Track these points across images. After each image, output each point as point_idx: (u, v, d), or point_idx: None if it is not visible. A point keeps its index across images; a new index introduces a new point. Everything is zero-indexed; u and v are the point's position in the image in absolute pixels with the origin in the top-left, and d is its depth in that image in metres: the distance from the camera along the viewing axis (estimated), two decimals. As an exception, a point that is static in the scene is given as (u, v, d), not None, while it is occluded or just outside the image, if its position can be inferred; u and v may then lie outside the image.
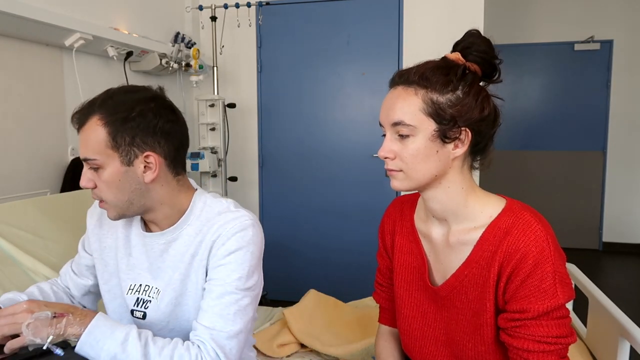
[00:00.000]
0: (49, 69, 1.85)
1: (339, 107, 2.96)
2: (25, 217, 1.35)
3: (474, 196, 0.90)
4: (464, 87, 0.84)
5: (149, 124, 0.90)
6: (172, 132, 0.94)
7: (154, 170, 0.92)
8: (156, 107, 0.92)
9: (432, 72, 0.85)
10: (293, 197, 3.06)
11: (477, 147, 0.88)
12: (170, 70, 2.51)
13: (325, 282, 2.93)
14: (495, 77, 0.90)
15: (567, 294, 0.81)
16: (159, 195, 0.95)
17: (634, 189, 4.43)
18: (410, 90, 0.85)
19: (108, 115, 0.89)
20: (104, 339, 0.82)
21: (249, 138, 3.07)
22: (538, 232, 0.81)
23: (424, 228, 0.98)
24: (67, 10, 1.88)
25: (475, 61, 0.87)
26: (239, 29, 2.92)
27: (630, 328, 1.08)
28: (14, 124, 1.69)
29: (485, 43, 0.87)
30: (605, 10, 4.34)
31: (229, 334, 0.89)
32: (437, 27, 2.73)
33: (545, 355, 0.83)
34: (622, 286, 3.63)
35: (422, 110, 0.84)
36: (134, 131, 0.89)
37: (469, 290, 0.89)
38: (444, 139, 0.84)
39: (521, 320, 0.83)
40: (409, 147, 0.85)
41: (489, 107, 0.86)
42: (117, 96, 0.92)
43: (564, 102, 4.49)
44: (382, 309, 1.13)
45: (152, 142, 0.91)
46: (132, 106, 0.90)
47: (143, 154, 0.91)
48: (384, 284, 1.11)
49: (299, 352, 1.53)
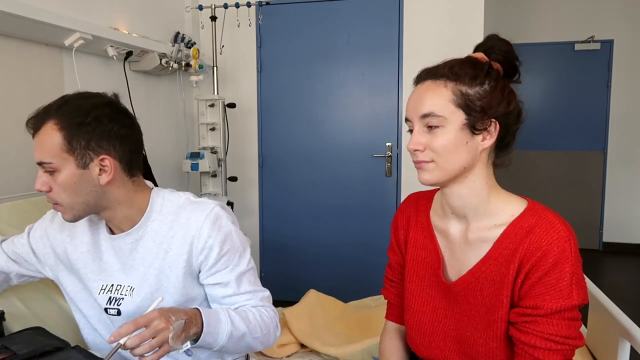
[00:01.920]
0: (49, 69, 1.85)
1: (338, 107, 2.95)
2: (25, 217, 1.35)
3: (496, 194, 0.92)
4: (490, 82, 0.87)
5: (104, 128, 0.94)
6: (127, 136, 0.98)
7: (109, 173, 0.96)
8: (111, 112, 0.97)
9: (460, 66, 0.87)
10: (293, 197, 3.06)
11: (503, 142, 0.91)
12: (170, 70, 2.51)
13: (325, 282, 2.93)
14: (515, 78, 0.93)
15: (582, 297, 0.82)
16: (114, 196, 0.99)
17: (634, 189, 4.43)
18: (439, 82, 0.88)
19: (63, 120, 0.92)
20: (217, 325, 0.94)
21: (249, 138, 3.07)
22: (561, 233, 0.83)
23: (441, 224, 0.99)
24: (67, 10, 1.88)
25: (498, 60, 0.90)
26: (239, 29, 2.92)
27: (631, 328, 1.08)
28: (14, 124, 1.69)
29: (506, 44, 0.90)
30: (605, 10, 4.34)
31: (264, 294, 1.08)
32: (437, 27, 2.73)
33: (551, 353, 0.83)
34: (622, 286, 3.63)
35: (452, 101, 0.86)
36: (89, 135, 0.93)
37: (484, 287, 0.89)
38: (473, 130, 0.86)
39: (532, 316, 0.83)
40: (439, 138, 0.87)
41: (515, 101, 0.89)
42: (72, 101, 0.95)
43: (564, 102, 4.49)
44: (391, 304, 1.13)
45: (107, 146, 0.95)
46: (87, 111, 0.93)
47: (98, 158, 0.94)
48: (395, 279, 1.10)
49: (299, 352, 1.53)
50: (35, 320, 1.12)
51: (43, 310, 1.18)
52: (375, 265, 2.91)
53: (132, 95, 2.25)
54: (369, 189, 2.94)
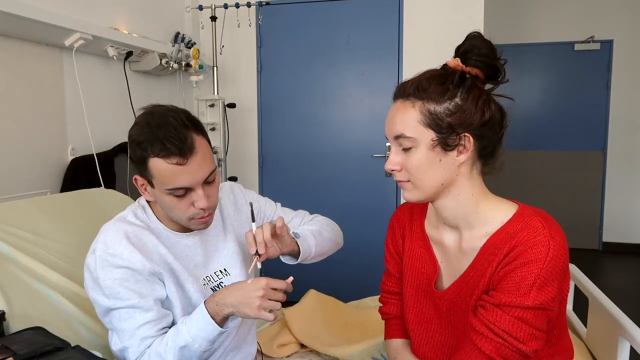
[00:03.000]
0: (49, 69, 1.85)
1: (338, 107, 2.95)
2: (25, 217, 1.35)
3: (485, 202, 0.90)
4: (462, 93, 0.84)
5: None
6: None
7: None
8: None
9: (429, 81, 0.85)
10: (293, 197, 3.06)
11: (485, 152, 0.89)
12: (170, 70, 2.51)
13: (325, 282, 2.92)
14: (500, 79, 0.90)
15: (539, 301, 0.80)
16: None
17: (634, 189, 4.43)
18: (407, 103, 0.86)
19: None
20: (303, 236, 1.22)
21: (249, 138, 3.07)
22: (541, 237, 0.82)
23: (436, 234, 0.98)
24: (67, 10, 1.88)
25: (476, 65, 0.86)
26: (239, 29, 2.92)
27: (630, 328, 1.08)
28: (14, 124, 1.69)
29: (486, 46, 0.87)
30: (605, 10, 4.34)
31: (305, 211, 1.45)
32: (437, 27, 2.73)
33: (486, 341, 0.83)
34: (622, 286, 3.63)
35: (421, 121, 0.85)
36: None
37: (474, 292, 0.89)
38: (445, 147, 0.85)
39: (485, 302, 0.85)
40: (412, 158, 0.86)
41: (489, 110, 0.86)
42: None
43: (564, 102, 4.49)
44: (394, 319, 1.11)
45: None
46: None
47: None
48: (396, 290, 1.09)
49: (299, 352, 1.53)
50: (35, 320, 1.12)
51: (43, 310, 1.18)
52: (375, 266, 2.91)
53: (132, 95, 2.25)
54: (369, 189, 2.94)
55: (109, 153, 2.09)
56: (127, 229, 1.01)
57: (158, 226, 1.06)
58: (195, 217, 1.02)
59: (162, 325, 1.00)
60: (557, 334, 0.94)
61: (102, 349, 1.15)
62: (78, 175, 1.89)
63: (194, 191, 0.98)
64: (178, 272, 1.04)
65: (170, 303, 1.03)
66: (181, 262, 1.05)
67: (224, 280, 1.13)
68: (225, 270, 1.15)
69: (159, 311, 1.00)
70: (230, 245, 1.17)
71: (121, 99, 2.24)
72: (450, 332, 0.96)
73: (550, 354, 0.93)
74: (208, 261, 1.12)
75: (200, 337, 0.95)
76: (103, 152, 2.05)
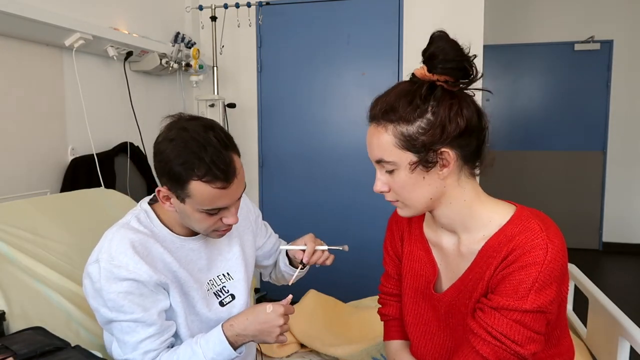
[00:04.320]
0: (49, 69, 1.85)
1: (339, 107, 2.95)
2: (25, 217, 1.35)
3: (480, 205, 0.89)
4: (432, 107, 0.81)
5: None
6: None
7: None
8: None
9: (397, 100, 0.83)
10: (293, 197, 3.06)
11: (469, 157, 0.86)
12: (170, 70, 2.51)
13: (325, 282, 2.92)
14: (472, 77, 0.84)
15: (537, 304, 0.80)
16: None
17: (634, 189, 4.43)
18: (380, 128, 0.85)
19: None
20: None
21: (249, 138, 3.07)
22: (539, 240, 0.81)
23: (434, 237, 0.98)
24: (67, 10, 1.88)
25: (444, 72, 0.82)
26: (239, 29, 2.92)
27: (630, 328, 1.08)
28: (14, 124, 1.69)
29: (451, 47, 0.82)
30: (605, 10, 4.34)
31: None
32: (437, 27, 2.69)
33: (483, 344, 0.82)
34: (622, 286, 3.63)
35: (396, 145, 0.83)
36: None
37: (472, 295, 0.89)
38: (426, 165, 0.83)
39: (484, 305, 0.84)
40: (396, 180, 0.86)
41: (463, 118, 0.82)
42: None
43: (564, 102, 4.49)
44: (393, 321, 1.11)
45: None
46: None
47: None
48: (395, 292, 1.10)
49: (299, 352, 1.53)
50: (35, 320, 1.12)
51: (43, 310, 1.18)
52: (375, 266, 2.90)
53: (132, 95, 2.25)
54: (369, 189, 2.91)
55: (109, 153, 2.09)
56: (133, 237, 0.98)
57: (162, 231, 1.04)
58: (219, 230, 1.02)
59: (164, 337, 1.00)
60: (558, 335, 0.94)
61: (102, 349, 1.15)
62: (78, 175, 1.89)
63: (227, 209, 0.98)
64: (183, 280, 1.03)
65: (174, 312, 1.03)
66: (186, 269, 1.04)
67: (226, 284, 1.13)
68: (229, 274, 1.15)
69: (162, 324, 0.99)
70: (235, 249, 1.17)
71: (121, 99, 2.24)
72: (448, 334, 0.95)
73: (550, 355, 0.93)
74: (211, 265, 1.12)
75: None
76: (103, 152, 2.05)
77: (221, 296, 1.11)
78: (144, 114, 2.34)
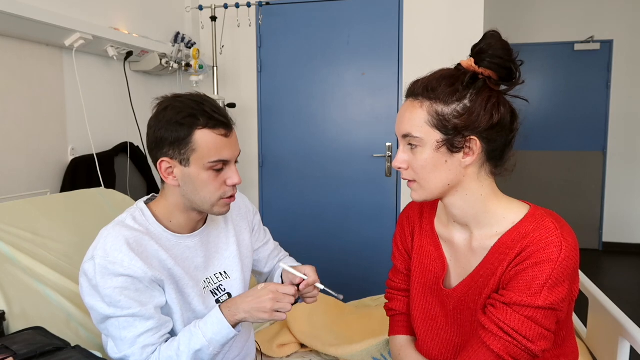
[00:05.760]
0: (49, 69, 1.85)
1: (339, 107, 2.95)
2: (25, 217, 1.35)
3: (496, 202, 0.90)
4: (471, 95, 0.84)
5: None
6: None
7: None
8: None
9: (438, 82, 0.85)
10: (293, 197, 3.06)
11: (493, 154, 0.88)
12: (170, 70, 2.51)
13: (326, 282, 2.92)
14: (515, 80, 0.88)
15: (550, 301, 0.80)
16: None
17: (634, 189, 4.43)
18: (416, 102, 0.87)
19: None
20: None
21: (249, 138, 3.07)
22: (554, 238, 0.82)
23: (445, 232, 0.98)
24: (67, 10, 1.88)
25: (489, 67, 0.85)
26: (239, 29, 2.92)
27: (630, 328, 1.08)
28: (14, 124, 1.69)
29: (501, 46, 0.85)
30: (605, 10, 4.34)
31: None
32: (437, 27, 2.73)
33: (495, 339, 0.83)
34: (622, 286, 3.63)
35: (428, 122, 0.85)
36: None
37: (483, 291, 0.89)
38: (451, 148, 0.85)
39: (496, 301, 0.85)
40: (418, 158, 0.87)
41: (498, 113, 0.85)
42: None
43: (564, 102, 4.49)
44: (399, 316, 1.11)
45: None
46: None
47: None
48: (403, 287, 1.09)
49: (299, 352, 1.53)
50: (35, 320, 1.12)
51: (43, 310, 1.18)
52: (375, 266, 2.91)
53: (132, 95, 2.25)
54: (369, 189, 2.94)
55: (109, 153, 2.09)
56: (127, 234, 0.98)
57: (157, 229, 1.04)
58: (224, 197, 1.03)
59: (162, 332, 1.00)
60: (564, 336, 0.94)
61: (101, 348, 1.15)
62: (78, 175, 1.89)
63: (229, 167, 1.02)
64: (178, 277, 1.03)
65: (170, 309, 1.03)
66: (181, 266, 1.04)
67: (223, 283, 1.13)
68: (225, 273, 1.15)
69: (159, 319, 0.99)
70: (233, 248, 1.17)
71: (121, 99, 2.24)
72: (456, 330, 0.96)
73: (556, 355, 0.93)
74: (208, 262, 1.12)
75: (216, 340, 0.98)
76: (103, 152, 2.05)
77: (218, 294, 1.11)
78: (144, 114, 2.33)
